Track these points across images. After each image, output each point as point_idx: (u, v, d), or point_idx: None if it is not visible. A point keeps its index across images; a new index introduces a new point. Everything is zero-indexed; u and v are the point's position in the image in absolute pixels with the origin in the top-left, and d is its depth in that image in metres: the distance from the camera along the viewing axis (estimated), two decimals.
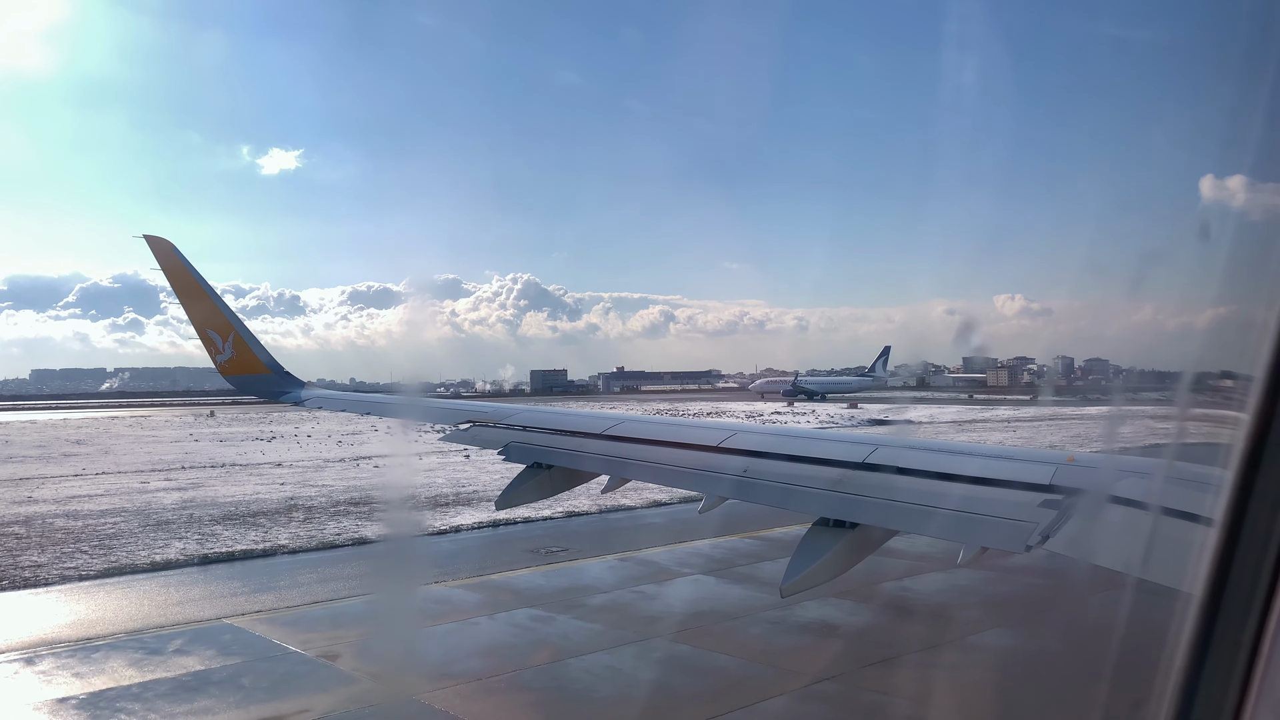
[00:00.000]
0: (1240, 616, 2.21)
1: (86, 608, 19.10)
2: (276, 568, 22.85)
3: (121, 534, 26.38)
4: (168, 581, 21.30)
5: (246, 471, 43.83)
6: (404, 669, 15.30)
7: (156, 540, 25.39)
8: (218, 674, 14.68)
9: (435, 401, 16.53)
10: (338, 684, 14.30)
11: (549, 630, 17.19)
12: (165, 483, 39.14)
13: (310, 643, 16.23)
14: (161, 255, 14.97)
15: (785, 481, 8.24)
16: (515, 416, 12.07)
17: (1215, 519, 2.30)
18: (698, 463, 9.31)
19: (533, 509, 27.24)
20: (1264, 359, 2.21)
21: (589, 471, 10.41)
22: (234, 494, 34.98)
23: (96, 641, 16.50)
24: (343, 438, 66.13)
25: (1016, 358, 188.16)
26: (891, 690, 14.11)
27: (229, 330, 15.50)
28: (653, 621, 17.80)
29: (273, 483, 38.64)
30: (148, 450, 58.00)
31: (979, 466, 7.56)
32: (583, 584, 20.71)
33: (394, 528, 28.32)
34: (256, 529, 27.21)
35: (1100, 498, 6.24)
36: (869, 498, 7.46)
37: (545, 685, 14.37)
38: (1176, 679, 2.34)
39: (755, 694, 13.68)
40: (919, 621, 17.87)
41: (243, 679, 14.43)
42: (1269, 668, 2.15)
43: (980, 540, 6.65)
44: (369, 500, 32.66)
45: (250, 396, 17.55)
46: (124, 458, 52.55)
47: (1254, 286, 2.57)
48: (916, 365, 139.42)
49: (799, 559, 7.31)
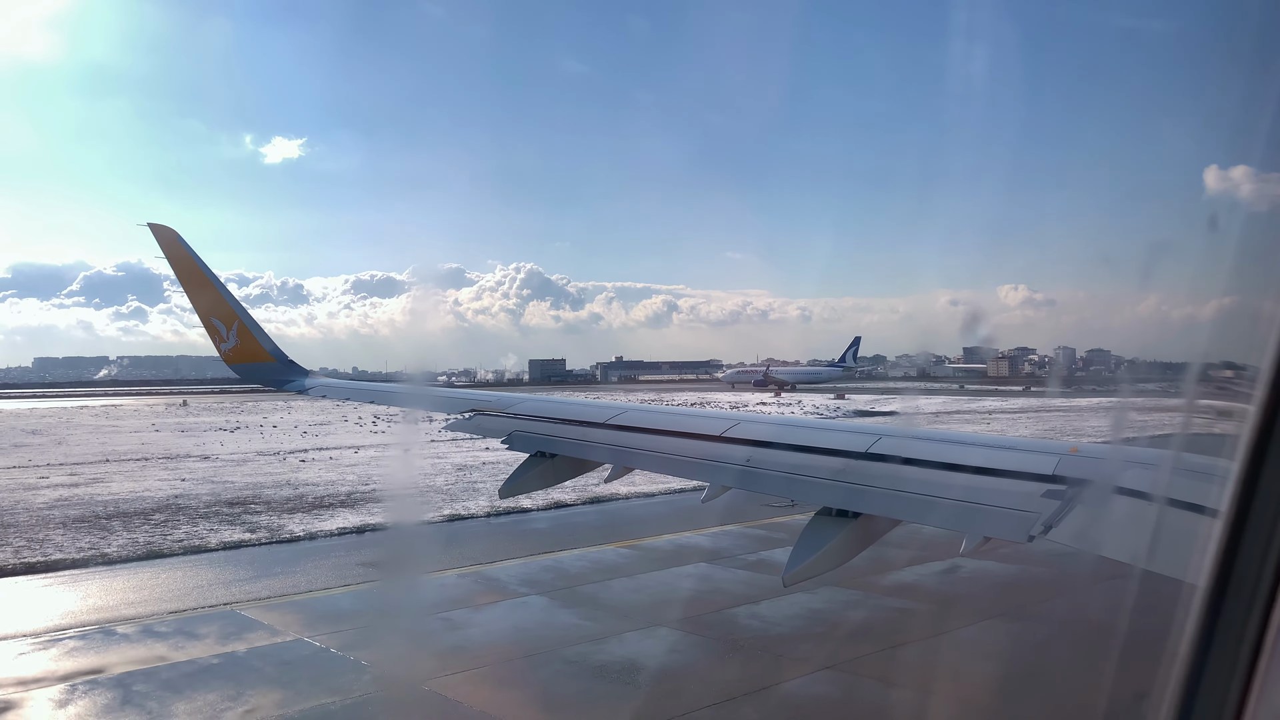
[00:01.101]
0: (1244, 608, 2.21)
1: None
2: (84, 580, 20.83)
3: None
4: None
5: (164, 466, 42.60)
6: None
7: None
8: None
9: (437, 390, 16.58)
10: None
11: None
12: (66, 478, 37.87)
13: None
14: (166, 243, 14.97)
15: (788, 471, 8.25)
16: (518, 405, 12.08)
17: (1220, 510, 2.30)
18: (701, 452, 9.31)
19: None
20: (1269, 350, 2.20)
21: (592, 460, 10.41)
22: (120, 491, 33.51)
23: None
24: (309, 428, 65.51)
25: (1018, 348, 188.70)
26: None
27: (233, 319, 15.51)
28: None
29: (176, 478, 37.32)
30: (102, 441, 57.96)
31: (982, 456, 7.55)
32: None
33: (252, 531, 25.81)
34: (97, 533, 25.43)
35: (1104, 488, 6.25)
36: (872, 487, 7.46)
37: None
38: (1180, 670, 2.34)
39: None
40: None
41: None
42: (1273, 659, 2.16)
43: (983, 530, 6.64)
44: (256, 500, 31.27)
45: (255, 384, 17.56)
46: (75, 449, 52.36)
47: (1259, 278, 2.56)
48: (919, 356, 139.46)
49: (801, 548, 7.31)
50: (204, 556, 23.19)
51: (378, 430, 62.25)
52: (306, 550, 23.97)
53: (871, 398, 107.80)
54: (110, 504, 30.76)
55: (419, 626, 17.44)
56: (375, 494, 32.32)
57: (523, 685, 14.17)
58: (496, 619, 17.66)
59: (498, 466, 36.59)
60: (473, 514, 28.27)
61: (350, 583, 20.40)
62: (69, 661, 15.19)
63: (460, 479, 35.47)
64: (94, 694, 13.70)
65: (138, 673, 14.58)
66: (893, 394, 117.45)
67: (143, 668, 14.82)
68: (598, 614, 17.75)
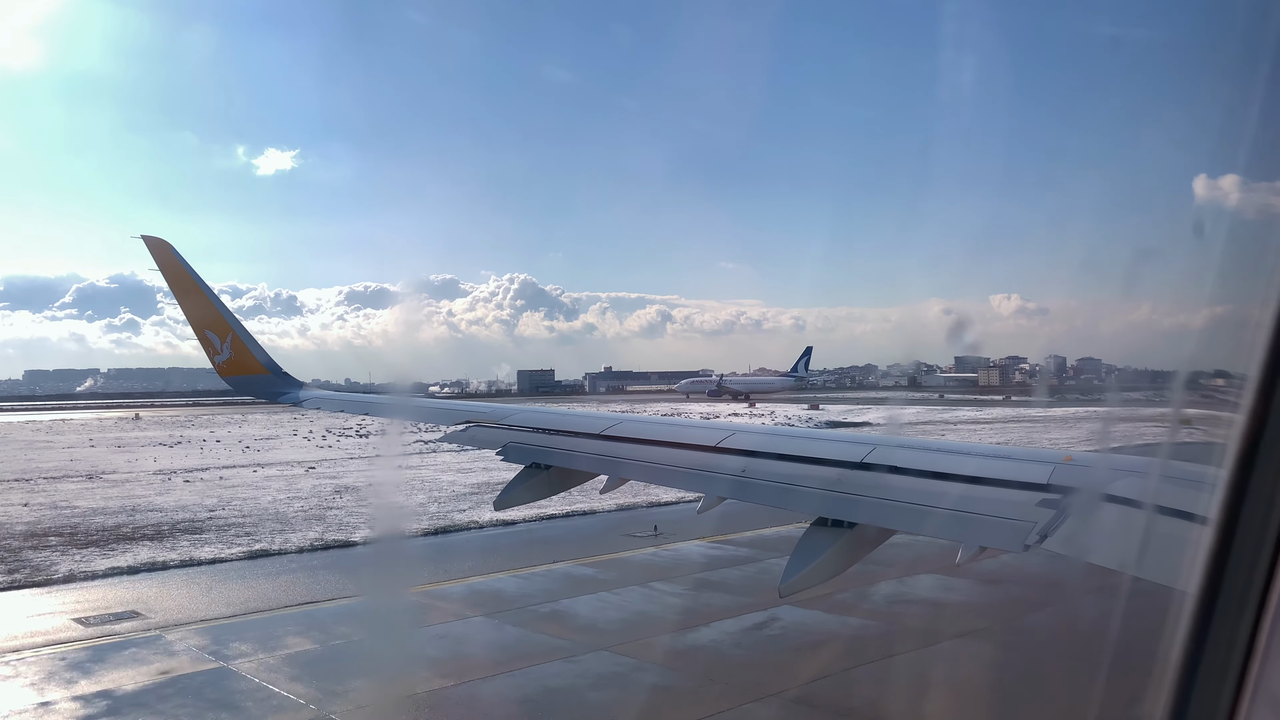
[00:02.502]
0: (1235, 614, 2.22)
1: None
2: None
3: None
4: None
5: (28, 488, 40.52)
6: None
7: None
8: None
9: (430, 401, 16.55)
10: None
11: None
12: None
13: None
14: (159, 256, 14.94)
15: (783, 481, 8.24)
16: (513, 417, 12.07)
17: (1211, 517, 2.31)
18: (695, 462, 9.30)
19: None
20: (1258, 358, 2.22)
21: (587, 471, 10.40)
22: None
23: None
24: (254, 443, 64.90)
25: (1009, 357, 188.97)
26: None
27: (227, 331, 15.48)
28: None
29: (19, 503, 35.27)
30: (29, 457, 57.39)
31: (976, 466, 7.57)
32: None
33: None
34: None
35: (1097, 497, 6.26)
36: (866, 497, 7.47)
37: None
38: (1172, 676, 2.35)
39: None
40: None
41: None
42: (1264, 665, 2.16)
43: (978, 540, 6.65)
44: (71, 530, 28.93)
45: (249, 397, 17.49)
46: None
47: (1248, 286, 2.58)
48: (909, 365, 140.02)
49: (797, 559, 7.31)
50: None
51: (325, 445, 61.39)
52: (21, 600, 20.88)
53: (846, 408, 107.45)
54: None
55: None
56: (209, 523, 29.87)
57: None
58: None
59: (360, 491, 36.11)
60: (283, 549, 25.45)
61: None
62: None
63: (319, 503, 33.83)
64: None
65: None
66: (870, 404, 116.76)
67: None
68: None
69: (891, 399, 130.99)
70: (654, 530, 26.87)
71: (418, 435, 52.18)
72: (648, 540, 25.72)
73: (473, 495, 34.34)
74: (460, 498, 34.02)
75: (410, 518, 29.72)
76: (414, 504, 32.76)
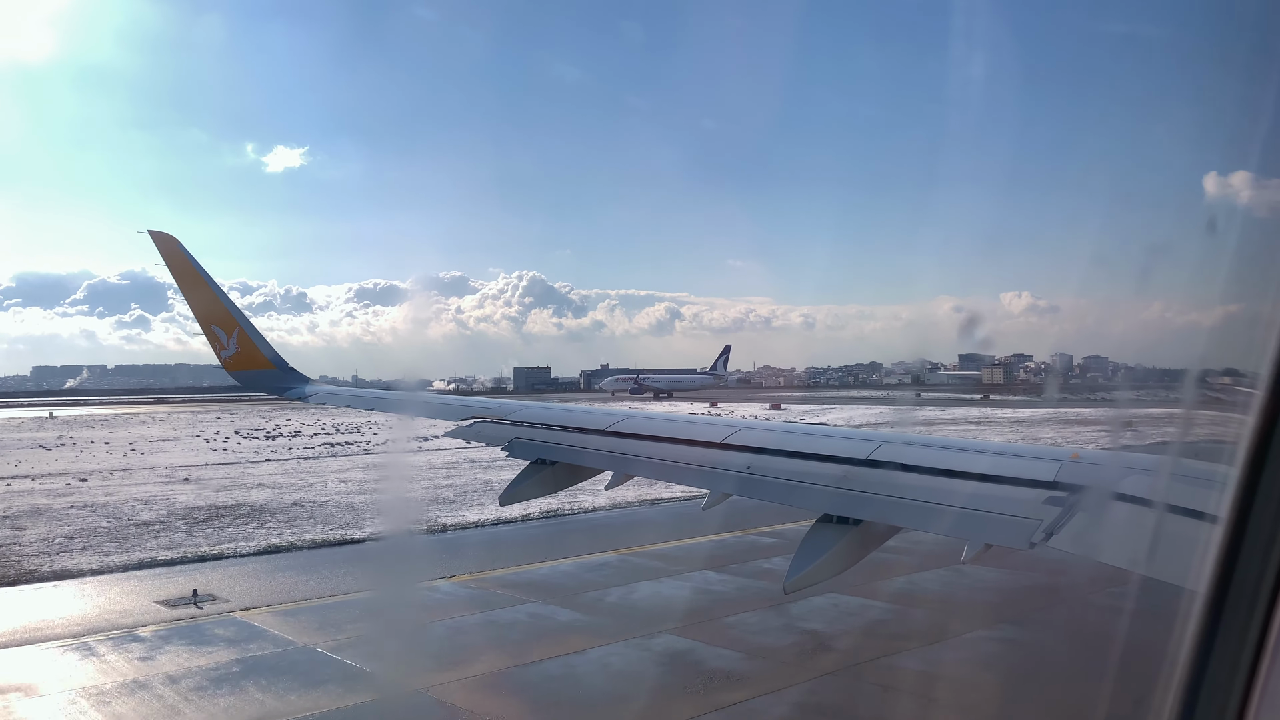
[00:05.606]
0: (1245, 614, 2.22)
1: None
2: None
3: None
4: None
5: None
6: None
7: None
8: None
9: (436, 397, 16.54)
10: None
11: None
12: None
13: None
14: (166, 251, 14.97)
15: (789, 478, 8.24)
16: (518, 412, 12.08)
17: (1220, 516, 2.30)
18: (701, 459, 9.30)
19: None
20: (1269, 356, 2.21)
21: (592, 467, 10.41)
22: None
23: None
24: (147, 446, 59.03)
25: (1014, 355, 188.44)
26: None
27: (234, 326, 15.52)
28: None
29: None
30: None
31: (983, 463, 7.56)
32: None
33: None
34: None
35: (1104, 495, 6.24)
36: (873, 494, 7.46)
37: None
38: (1181, 676, 2.34)
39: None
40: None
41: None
42: (1273, 664, 2.16)
43: (984, 537, 6.64)
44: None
45: (256, 392, 17.52)
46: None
47: (1260, 284, 2.57)
48: (915, 362, 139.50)
49: (802, 555, 7.31)
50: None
51: (216, 449, 55.44)
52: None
53: (809, 408, 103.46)
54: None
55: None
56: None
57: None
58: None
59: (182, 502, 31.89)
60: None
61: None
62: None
63: (120, 516, 29.23)
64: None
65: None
66: (844, 404, 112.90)
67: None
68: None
69: (865, 399, 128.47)
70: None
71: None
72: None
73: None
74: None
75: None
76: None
